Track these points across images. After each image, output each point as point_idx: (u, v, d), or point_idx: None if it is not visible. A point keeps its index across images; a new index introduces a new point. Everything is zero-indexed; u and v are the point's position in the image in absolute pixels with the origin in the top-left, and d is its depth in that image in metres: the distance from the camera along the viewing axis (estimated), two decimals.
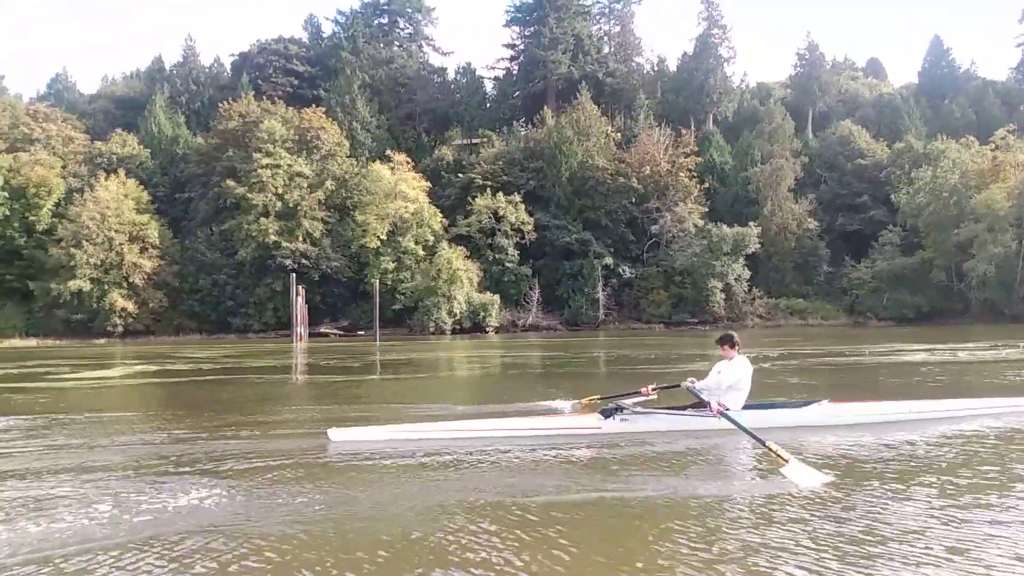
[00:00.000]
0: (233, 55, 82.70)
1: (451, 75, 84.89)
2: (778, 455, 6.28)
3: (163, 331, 55.81)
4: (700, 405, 7.93)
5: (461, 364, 25.13)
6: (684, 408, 8.25)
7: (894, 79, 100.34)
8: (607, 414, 8.04)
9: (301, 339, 47.31)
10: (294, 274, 49.76)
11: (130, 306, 53.55)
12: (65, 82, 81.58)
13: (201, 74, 79.12)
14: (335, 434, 7.77)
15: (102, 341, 52.18)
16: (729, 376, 8.16)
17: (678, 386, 8.56)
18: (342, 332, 55.99)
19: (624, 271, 62.22)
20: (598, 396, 10.01)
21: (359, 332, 56.44)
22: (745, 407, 8.12)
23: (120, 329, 53.56)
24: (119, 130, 65.43)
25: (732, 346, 8.37)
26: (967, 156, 59.95)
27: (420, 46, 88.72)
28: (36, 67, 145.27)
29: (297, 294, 48.32)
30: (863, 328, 55.11)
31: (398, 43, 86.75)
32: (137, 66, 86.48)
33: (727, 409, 7.67)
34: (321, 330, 54.97)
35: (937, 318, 57.48)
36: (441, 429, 8.16)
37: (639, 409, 8.14)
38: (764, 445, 6.54)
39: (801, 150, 70.18)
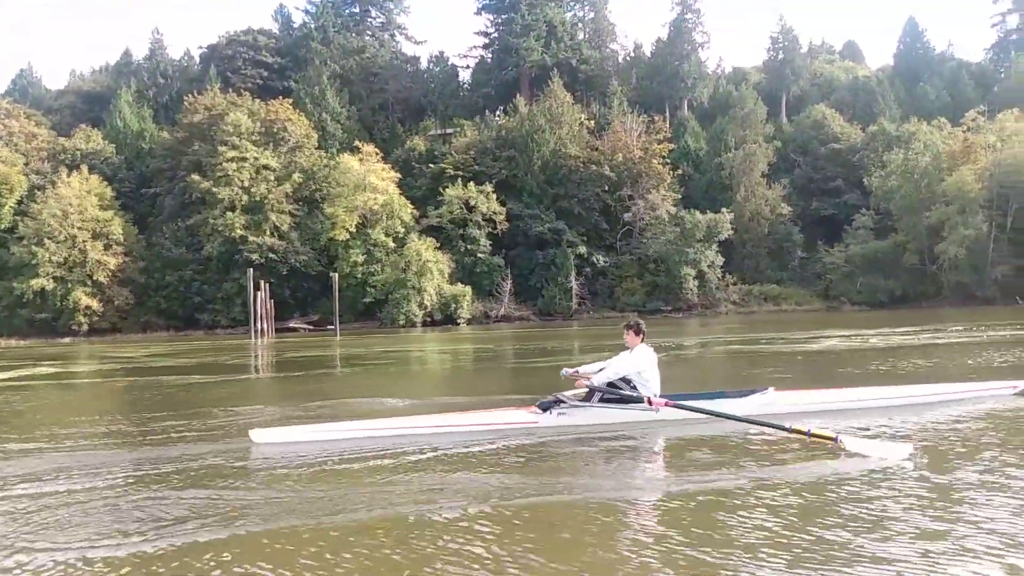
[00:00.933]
0: (202, 47, 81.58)
1: (424, 64, 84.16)
2: (820, 436, 6.30)
3: (130, 328, 55.13)
4: (620, 400, 7.68)
5: (417, 358, 24.63)
6: (622, 400, 7.82)
7: (872, 62, 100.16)
8: (545, 407, 7.76)
9: (264, 335, 46.67)
10: (251, 269, 48.99)
11: (95, 304, 52.81)
12: (30, 78, 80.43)
13: (169, 67, 78.04)
14: (257, 435, 7.41)
15: (67, 340, 51.52)
16: (620, 365, 7.78)
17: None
18: (311, 327, 55.42)
19: (598, 260, 61.79)
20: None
21: (329, 327, 55.81)
22: (687, 396, 7.86)
23: (85, 327, 52.85)
24: (83, 125, 64.43)
25: (637, 333, 8.02)
26: (939, 138, 59.60)
27: (392, 35, 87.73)
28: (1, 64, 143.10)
29: (258, 288, 47.57)
30: (836, 313, 54.98)
31: (370, 32, 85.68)
32: (107, 60, 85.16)
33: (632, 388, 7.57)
34: (290, 325, 54.41)
35: (910, 302, 57.33)
36: (369, 427, 7.82)
37: (577, 403, 7.80)
38: (770, 425, 6.72)
39: (775, 135, 69.84)
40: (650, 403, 7.47)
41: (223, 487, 5.88)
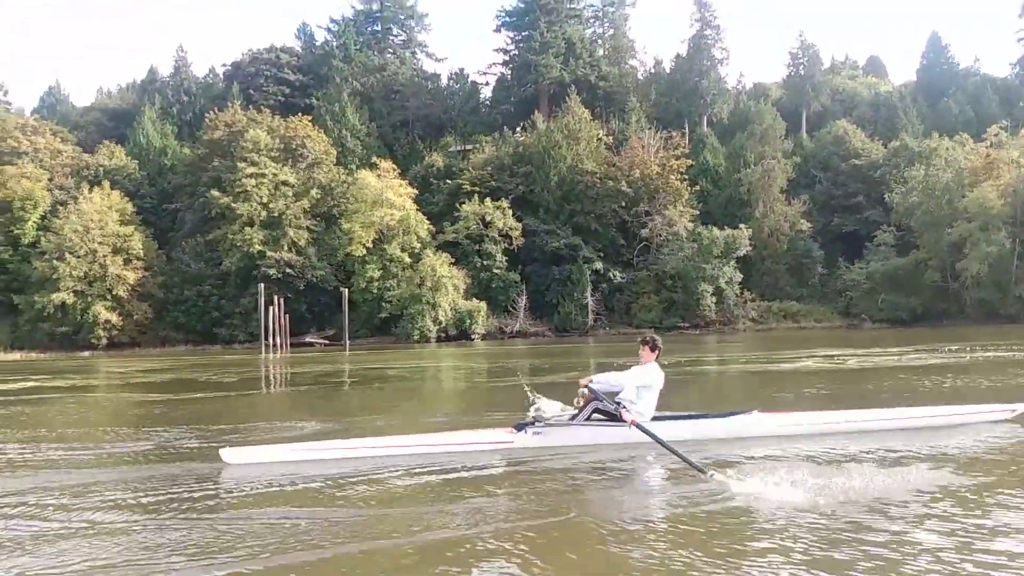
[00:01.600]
0: (226, 65, 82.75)
1: (444, 81, 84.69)
2: (697, 468, 6.11)
3: (149, 343, 55.65)
4: (613, 418, 7.59)
5: (421, 374, 24.59)
6: (604, 420, 7.77)
7: (895, 77, 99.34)
8: (520, 427, 7.72)
9: (279, 350, 46.94)
10: (262, 284, 49.41)
11: (114, 318, 53.42)
12: (58, 95, 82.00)
13: (193, 85, 79.19)
14: (229, 455, 7.38)
15: (86, 354, 52.12)
16: (632, 376, 7.83)
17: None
18: (327, 341, 55.64)
19: (614, 276, 61.53)
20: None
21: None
22: (671, 417, 7.90)
23: (104, 341, 53.43)
24: (107, 142, 65.51)
25: (652, 349, 8.05)
26: (960, 154, 58.82)
27: (414, 53, 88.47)
28: (32, 79, 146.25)
29: (271, 303, 47.91)
30: (855, 331, 54.20)
31: (391, 50, 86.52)
32: (134, 77, 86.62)
33: (620, 407, 7.52)
34: (306, 340, 54.65)
35: (932, 319, 56.46)
36: (342, 447, 7.75)
37: (552, 422, 7.73)
38: (683, 459, 6.36)
39: (794, 151, 69.42)
40: (622, 417, 7.43)
41: (194, 511, 5.80)
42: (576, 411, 7.81)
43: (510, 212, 59.95)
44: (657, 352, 8.04)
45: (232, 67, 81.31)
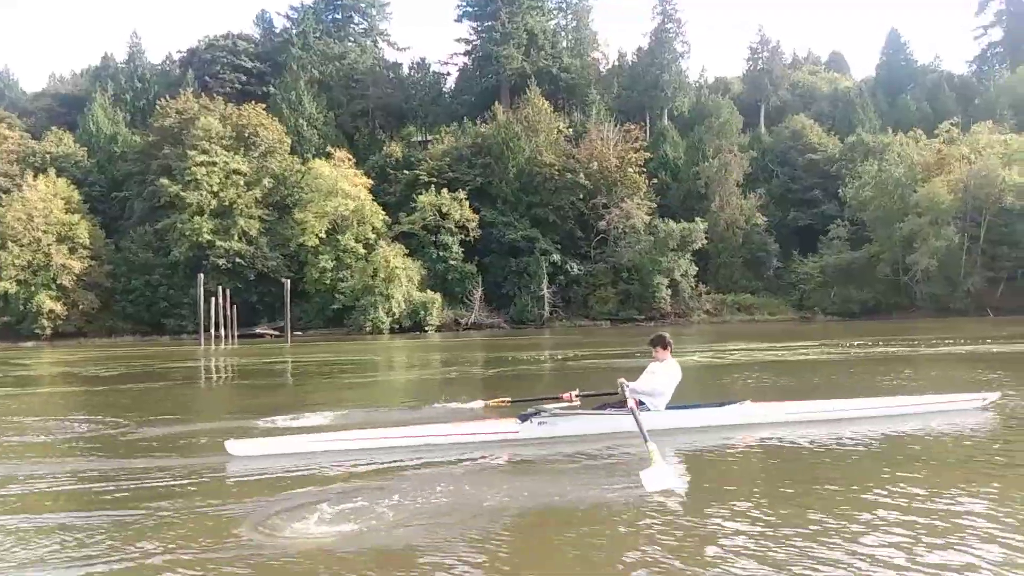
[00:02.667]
0: (181, 52, 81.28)
1: (407, 71, 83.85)
2: (650, 456, 6.14)
3: (96, 333, 54.56)
4: (619, 404, 7.77)
5: (358, 366, 24.08)
6: (604, 407, 8.05)
7: (857, 73, 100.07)
8: (524, 418, 7.75)
9: (222, 341, 46.24)
10: (201, 274, 48.74)
11: (58, 308, 52.30)
12: (7, 79, 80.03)
13: (147, 71, 77.64)
14: (234, 447, 7.26)
15: (29, 344, 50.98)
16: (663, 379, 8.07)
17: (605, 394, 8.55)
18: (277, 333, 54.86)
19: (572, 268, 61.37)
20: (508, 399, 9.93)
21: (297, 332, 55.43)
22: (670, 408, 8.13)
23: (48, 331, 52.33)
24: (55, 128, 64.03)
25: (664, 347, 8.29)
26: (913, 150, 59.32)
27: (375, 41, 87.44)
28: None
29: (212, 294, 47.25)
30: (808, 324, 54.58)
31: (352, 39, 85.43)
32: (89, 63, 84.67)
33: (641, 407, 7.62)
34: (256, 331, 53.89)
35: (883, 313, 56.97)
36: (348, 439, 7.75)
37: (558, 411, 7.87)
38: (645, 444, 6.39)
39: (752, 144, 69.64)
40: (623, 404, 7.55)
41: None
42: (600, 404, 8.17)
43: (467, 203, 59.47)
44: (670, 348, 8.32)
45: (188, 54, 79.85)
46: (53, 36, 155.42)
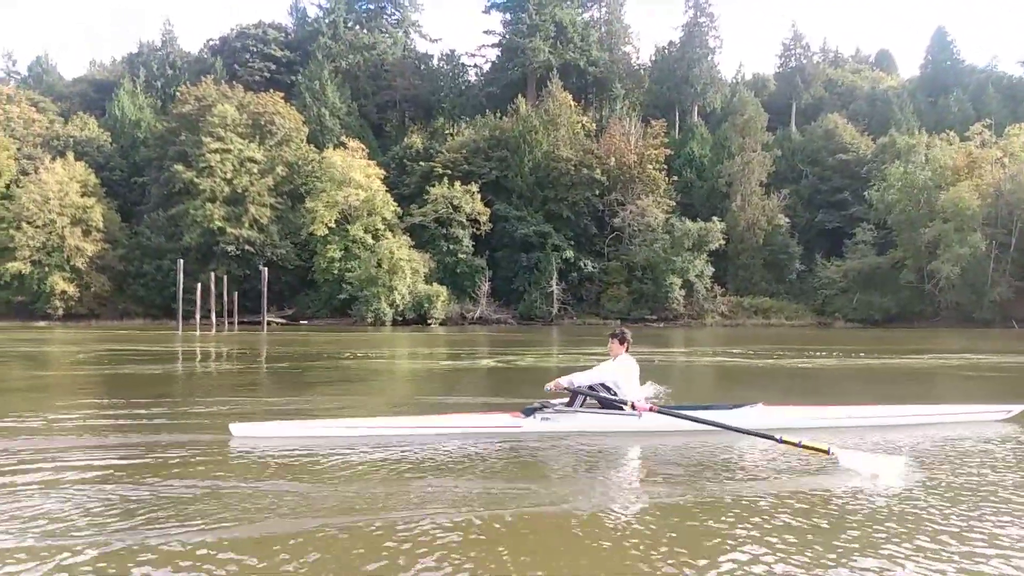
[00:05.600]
0: (213, 40, 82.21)
1: (436, 63, 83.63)
2: (812, 447, 6.15)
3: (108, 315, 55.57)
4: (604, 405, 7.69)
5: (327, 360, 23.58)
6: (605, 405, 7.81)
7: (906, 72, 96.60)
8: (529, 412, 7.73)
9: (212, 328, 46.54)
10: (181, 260, 49.15)
11: (71, 289, 53.25)
12: (45, 65, 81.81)
13: (179, 59, 78.66)
14: (237, 429, 7.33)
15: (42, 323, 52.08)
16: (601, 372, 7.79)
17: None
18: (285, 321, 55.15)
19: (586, 265, 60.42)
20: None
21: (303, 321, 55.64)
22: (673, 407, 7.89)
23: (61, 312, 53.36)
24: (80, 113, 65.28)
25: (621, 343, 8.03)
26: (943, 152, 56.80)
27: (407, 32, 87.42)
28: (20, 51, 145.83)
29: (196, 280, 47.86)
30: (826, 330, 52.74)
31: (383, 29, 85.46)
32: (128, 51, 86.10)
33: (647, 408, 7.44)
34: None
35: (905, 321, 54.87)
36: (350, 426, 7.75)
37: (561, 408, 7.74)
38: (760, 435, 6.48)
39: (777, 143, 67.67)
40: (634, 407, 7.40)
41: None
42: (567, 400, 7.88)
43: (479, 197, 58.92)
44: (626, 345, 8.05)
45: (219, 42, 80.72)
46: (94, 23, 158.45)
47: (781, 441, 6.45)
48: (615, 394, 7.60)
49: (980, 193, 52.28)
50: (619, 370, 7.79)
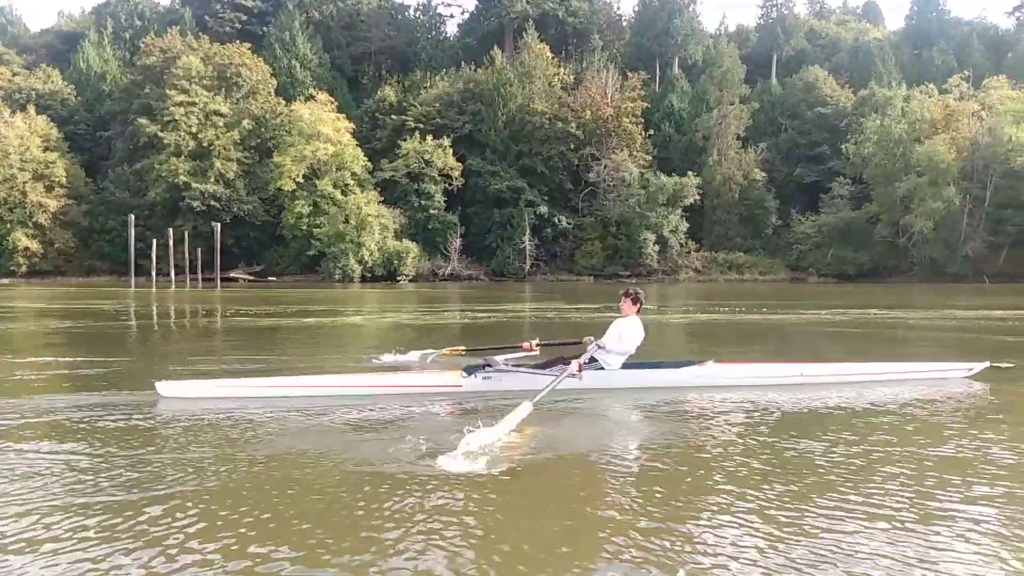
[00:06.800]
0: None
1: (412, 14, 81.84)
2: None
3: (74, 272, 54.87)
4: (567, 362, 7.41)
5: (266, 318, 23.03)
6: (556, 363, 7.56)
7: (893, 24, 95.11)
8: (470, 371, 7.48)
9: (172, 284, 46.03)
10: (131, 215, 48.30)
11: (33, 245, 52.43)
12: (10, 16, 79.87)
13: (148, 9, 76.75)
14: (164, 388, 7.02)
15: (5, 281, 51.36)
16: (629, 337, 7.60)
17: (568, 344, 8.35)
18: (253, 277, 54.55)
19: (560, 221, 59.70)
20: (463, 348, 9.65)
21: (271, 278, 55.03)
22: (627, 365, 7.74)
23: (24, 268, 52.59)
24: (44, 65, 63.71)
25: (635, 302, 7.82)
26: (920, 105, 55.91)
27: None
28: None
29: (168, 237, 46.93)
30: (798, 285, 52.46)
31: None
32: (97, 1, 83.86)
33: (592, 363, 7.43)
34: (231, 275, 53.48)
35: (878, 276, 54.61)
36: (283, 384, 7.46)
37: (504, 367, 7.52)
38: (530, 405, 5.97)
39: (756, 96, 66.67)
40: (580, 369, 7.14)
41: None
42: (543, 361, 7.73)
43: (451, 151, 57.94)
44: (639, 305, 7.82)
45: None
46: None
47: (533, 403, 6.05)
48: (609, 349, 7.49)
49: (956, 147, 51.58)
50: (626, 329, 7.60)
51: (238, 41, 62.19)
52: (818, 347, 12.81)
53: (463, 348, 9.62)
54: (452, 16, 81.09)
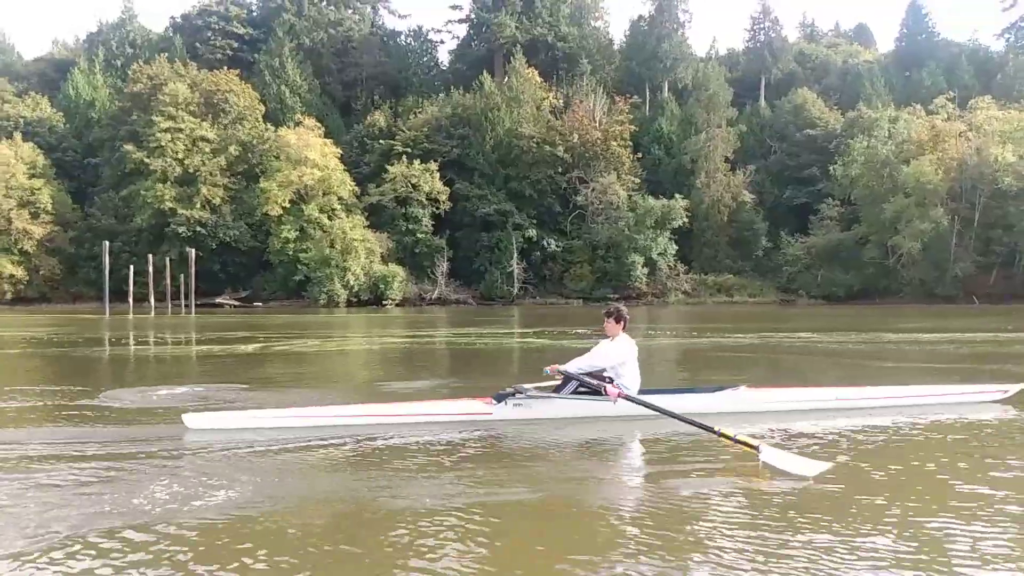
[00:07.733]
0: (175, 18, 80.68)
1: (404, 40, 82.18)
2: (744, 443, 5.66)
3: (59, 298, 54.70)
4: (591, 392, 7.16)
5: (225, 346, 22.69)
6: (582, 393, 7.34)
7: (884, 47, 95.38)
8: (500, 398, 7.33)
9: (151, 311, 45.78)
10: (107, 242, 47.99)
11: (19, 272, 52.28)
12: (3, 44, 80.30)
13: (139, 37, 77.13)
14: (192, 420, 6.85)
15: None
16: (603, 356, 7.28)
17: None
18: (239, 303, 54.31)
19: (548, 243, 59.53)
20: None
21: (257, 304, 54.80)
22: (650, 391, 7.41)
23: (9, 296, 52.43)
24: (32, 93, 63.96)
25: (618, 321, 7.53)
26: (906, 126, 55.90)
27: (375, 8, 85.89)
28: None
29: (148, 264, 46.72)
30: (788, 307, 52.08)
31: (350, 6, 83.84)
32: (87, 30, 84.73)
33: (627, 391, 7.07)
34: (217, 301, 53.29)
35: (867, 297, 54.19)
36: (310, 415, 7.34)
37: (535, 393, 7.34)
38: (690, 422, 6.05)
39: (745, 119, 66.79)
40: (606, 392, 6.92)
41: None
42: (557, 385, 7.46)
43: (438, 175, 57.90)
44: (623, 323, 7.57)
45: (181, 19, 79.16)
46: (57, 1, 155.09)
47: (719, 434, 5.92)
48: (611, 380, 7.10)
49: (944, 167, 51.40)
50: (621, 351, 7.34)
51: (227, 68, 62.31)
52: (831, 371, 12.66)
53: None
54: (443, 42, 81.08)
